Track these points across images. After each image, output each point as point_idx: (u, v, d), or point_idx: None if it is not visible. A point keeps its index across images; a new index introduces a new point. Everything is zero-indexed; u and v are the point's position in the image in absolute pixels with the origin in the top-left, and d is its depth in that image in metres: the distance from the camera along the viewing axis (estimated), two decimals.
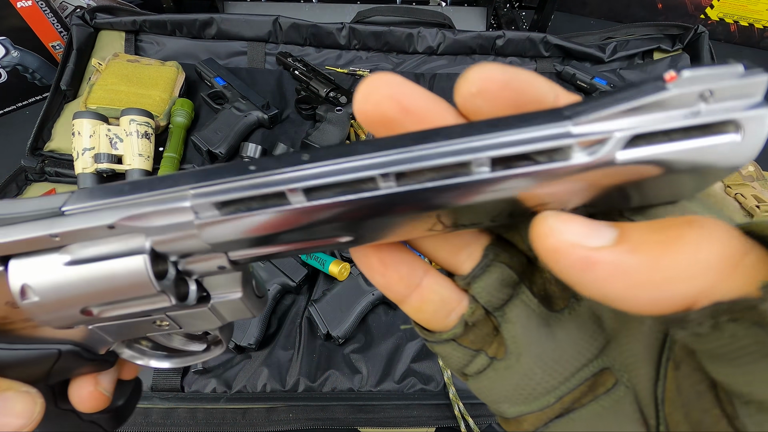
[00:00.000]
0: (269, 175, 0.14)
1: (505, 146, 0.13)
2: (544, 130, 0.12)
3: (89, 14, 0.87)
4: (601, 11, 1.33)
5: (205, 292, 0.18)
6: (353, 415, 0.56)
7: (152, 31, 0.91)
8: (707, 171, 0.13)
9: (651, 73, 0.94)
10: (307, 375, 0.58)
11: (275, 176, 0.14)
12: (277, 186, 0.13)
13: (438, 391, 0.58)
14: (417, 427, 0.56)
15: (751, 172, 0.78)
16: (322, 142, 0.76)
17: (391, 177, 0.13)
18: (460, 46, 0.94)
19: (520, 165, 0.13)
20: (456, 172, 0.13)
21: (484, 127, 0.13)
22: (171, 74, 0.83)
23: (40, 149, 0.78)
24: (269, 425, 0.55)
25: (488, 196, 0.13)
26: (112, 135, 0.71)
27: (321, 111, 0.81)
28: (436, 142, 0.13)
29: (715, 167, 0.13)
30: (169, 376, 0.57)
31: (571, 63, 0.97)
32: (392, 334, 0.62)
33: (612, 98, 0.12)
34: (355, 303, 0.61)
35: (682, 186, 0.14)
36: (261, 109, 0.81)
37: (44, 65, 0.93)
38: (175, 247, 0.15)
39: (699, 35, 0.94)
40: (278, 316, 0.64)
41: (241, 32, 0.91)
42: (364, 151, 0.13)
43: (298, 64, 0.89)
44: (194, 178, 0.14)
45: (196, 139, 0.76)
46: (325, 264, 0.64)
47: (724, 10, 1.23)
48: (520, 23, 1.17)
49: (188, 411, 0.56)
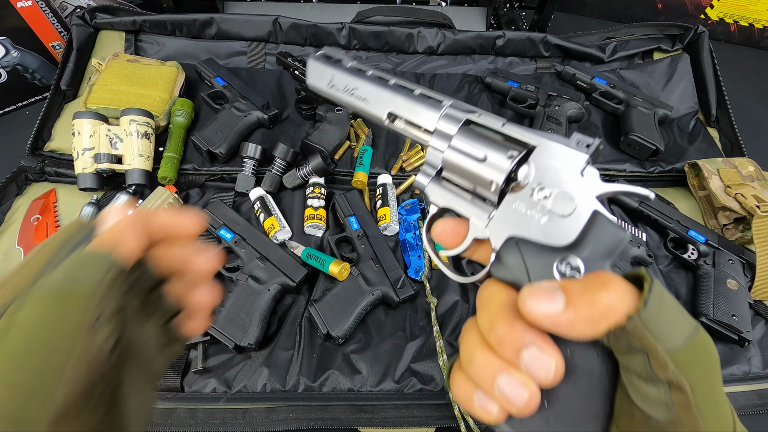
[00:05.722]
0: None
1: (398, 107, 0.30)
2: (426, 109, 0.29)
3: (89, 14, 0.87)
4: (601, 11, 1.33)
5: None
6: (353, 415, 0.56)
7: (152, 31, 0.91)
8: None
9: (651, 73, 0.95)
10: (307, 375, 0.58)
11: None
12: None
13: (438, 391, 0.57)
14: (417, 427, 0.56)
15: (751, 172, 0.78)
16: (322, 142, 0.76)
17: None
18: (460, 46, 0.94)
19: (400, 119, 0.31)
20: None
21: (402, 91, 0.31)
22: (171, 74, 0.83)
23: (40, 149, 0.78)
24: (269, 425, 0.55)
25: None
26: (112, 135, 0.71)
27: (321, 111, 0.81)
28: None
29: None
30: (170, 376, 0.57)
31: (571, 63, 0.97)
32: (392, 334, 0.62)
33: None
34: (355, 303, 0.61)
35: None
36: (261, 109, 0.81)
37: (44, 65, 0.93)
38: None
39: (699, 35, 0.94)
40: (278, 316, 0.64)
41: (241, 32, 0.91)
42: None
43: (298, 64, 0.89)
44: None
45: (196, 139, 0.76)
46: (325, 264, 0.64)
47: (724, 10, 1.23)
48: (520, 23, 1.17)
49: (188, 411, 0.56)
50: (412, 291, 0.63)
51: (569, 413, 0.21)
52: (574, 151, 0.24)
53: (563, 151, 0.25)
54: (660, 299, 0.19)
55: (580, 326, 0.20)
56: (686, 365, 0.19)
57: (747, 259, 0.69)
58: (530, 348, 0.21)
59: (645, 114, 0.85)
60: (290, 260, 0.65)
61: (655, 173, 0.84)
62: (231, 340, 0.57)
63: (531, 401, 0.21)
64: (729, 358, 0.63)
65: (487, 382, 0.22)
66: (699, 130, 0.90)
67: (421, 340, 0.61)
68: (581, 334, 0.20)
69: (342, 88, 0.33)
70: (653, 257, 0.71)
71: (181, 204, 0.74)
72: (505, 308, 0.22)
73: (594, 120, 0.90)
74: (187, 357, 0.59)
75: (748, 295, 0.66)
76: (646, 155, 0.83)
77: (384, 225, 0.71)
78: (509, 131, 0.26)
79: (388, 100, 0.31)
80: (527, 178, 0.25)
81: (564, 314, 0.20)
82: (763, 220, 0.69)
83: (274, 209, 0.71)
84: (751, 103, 1.10)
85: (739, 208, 0.73)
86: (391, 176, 0.77)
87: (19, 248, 0.66)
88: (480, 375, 0.22)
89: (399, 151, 0.82)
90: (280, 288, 0.63)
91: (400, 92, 0.30)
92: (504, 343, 0.21)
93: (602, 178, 0.24)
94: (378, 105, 0.31)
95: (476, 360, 0.22)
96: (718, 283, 0.66)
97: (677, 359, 0.19)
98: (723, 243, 0.71)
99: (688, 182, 0.81)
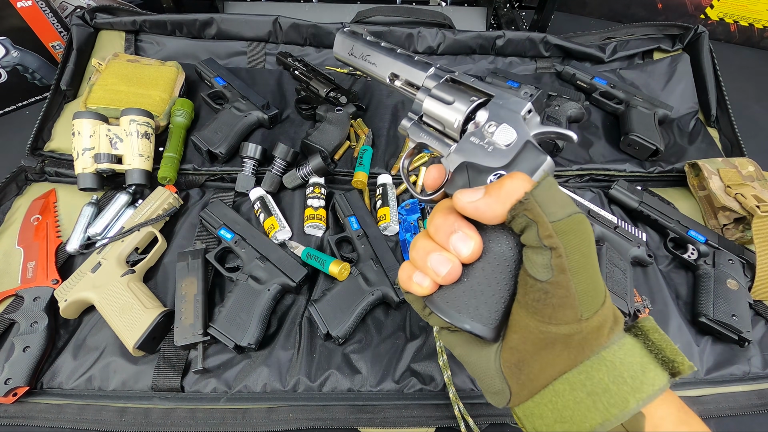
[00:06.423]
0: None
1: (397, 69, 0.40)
2: (417, 70, 0.38)
3: (89, 14, 0.87)
4: (601, 11, 1.33)
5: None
6: (353, 415, 0.56)
7: (152, 31, 0.91)
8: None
9: (651, 73, 0.94)
10: (307, 375, 0.58)
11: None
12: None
13: (438, 391, 0.57)
14: (417, 427, 0.56)
15: (751, 172, 0.78)
16: (322, 142, 0.76)
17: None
18: (460, 46, 0.94)
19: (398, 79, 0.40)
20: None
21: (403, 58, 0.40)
22: (171, 74, 0.83)
23: (40, 149, 0.78)
24: (269, 425, 0.55)
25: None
26: (112, 135, 0.71)
27: (321, 111, 0.81)
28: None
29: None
30: (170, 375, 0.57)
31: (571, 63, 0.97)
32: (392, 334, 0.62)
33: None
34: (355, 303, 0.61)
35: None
36: (261, 109, 0.81)
37: (44, 65, 0.93)
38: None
39: (699, 35, 0.94)
40: (278, 316, 0.64)
41: (241, 32, 0.91)
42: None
43: (298, 64, 0.89)
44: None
45: (196, 139, 0.76)
46: (325, 264, 0.64)
47: (724, 10, 1.23)
48: (520, 23, 1.17)
49: (188, 411, 0.56)
50: None
51: (482, 285, 0.29)
52: (520, 99, 0.32)
53: (512, 100, 0.32)
54: (550, 186, 0.26)
55: (492, 206, 0.27)
56: (564, 233, 0.25)
57: (747, 259, 0.69)
58: (457, 232, 0.28)
59: (645, 114, 0.85)
60: (290, 260, 0.65)
61: (655, 173, 0.84)
62: (231, 340, 0.57)
63: (453, 272, 0.29)
64: (729, 358, 0.63)
65: (423, 260, 0.29)
66: (699, 130, 0.90)
67: (421, 340, 0.61)
68: (493, 213, 0.27)
69: (359, 56, 0.43)
70: (653, 257, 0.71)
71: (180, 204, 0.74)
72: (446, 207, 0.30)
73: (594, 120, 0.90)
74: (187, 357, 0.59)
75: (748, 295, 0.66)
76: (646, 155, 0.83)
77: (384, 225, 0.71)
78: (476, 85, 0.35)
79: (391, 64, 0.40)
80: (483, 119, 0.32)
81: (482, 200, 0.27)
82: (763, 220, 0.69)
83: (274, 209, 0.71)
84: (751, 103, 1.10)
85: (739, 208, 0.73)
86: (391, 176, 0.77)
87: (19, 248, 0.66)
88: (418, 256, 0.30)
89: (399, 151, 0.82)
90: (280, 288, 0.63)
91: (401, 58, 0.40)
92: (439, 230, 0.29)
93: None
94: (384, 67, 0.41)
95: (418, 245, 0.30)
96: (718, 283, 0.66)
97: (557, 228, 0.25)
98: (723, 243, 0.71)
99: (688, 182, 0.81)
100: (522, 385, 0.29)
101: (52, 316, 0.61)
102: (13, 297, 0.63)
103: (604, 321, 0.27)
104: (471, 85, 0.35)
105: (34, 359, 0.56)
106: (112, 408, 0.56)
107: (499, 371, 0.30)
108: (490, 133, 0.31)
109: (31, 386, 0.56)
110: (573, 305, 0.26)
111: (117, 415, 0.56)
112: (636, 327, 0.29)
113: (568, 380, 0.27)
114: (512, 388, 0.30)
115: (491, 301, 0.29)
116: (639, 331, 0.29)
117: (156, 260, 0.68)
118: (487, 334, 0.29)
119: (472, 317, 0.29)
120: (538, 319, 0.27)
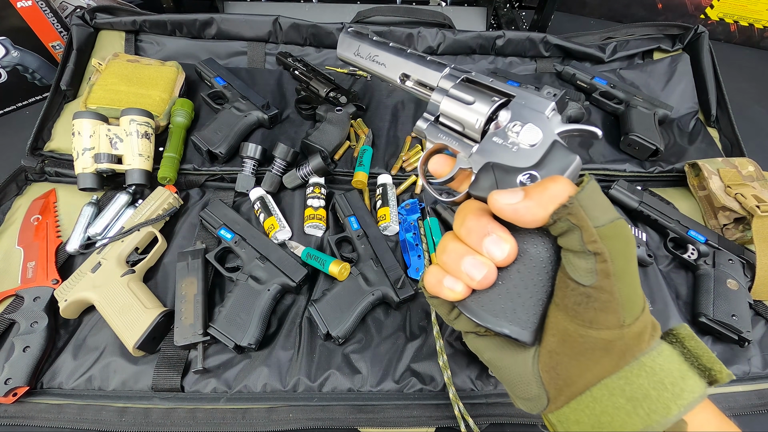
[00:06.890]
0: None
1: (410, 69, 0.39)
2: (431, 71, 0.37)
3: (89, 14, 0.87)
4: (601, 11, 1.33)
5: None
6: (353, 415, 0.56)
7: (152, 31, 0.91)
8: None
9: (651, 73, 0.95)
10: (307, 375, 0.58)
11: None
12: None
13: (438, 391, 0.57)
14: (417, 427, 0.56)
15: (751, 172, 0.78)
16: (322, 142, 0.76)
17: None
18: (460, 46, 0.94)
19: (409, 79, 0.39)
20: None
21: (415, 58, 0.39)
22: (171, 74, 0.83)
23: (40, 149, 0.78)
24: (269, 425, 0.55)
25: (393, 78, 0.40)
26: (112, 135, 0.71)
27: (321, 111, 0.81)
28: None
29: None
30: (170, 375, 0.57)
31: (571, 63, 0.97)
32: (392, 334, 0.62)
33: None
34: (355, 303, 0.61)
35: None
36: (261, 109, 0.81)
37: (44, 65, 0.93)
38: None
39: (699, 35, 0.94)
40: (278, 316, 0.64)
41: (241, 32, 0.91)
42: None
43: (298, 64, 0.89)
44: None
45: (196, 139, 0.76)
46: (325, 264, 0.64)
47: (724, 10, 1.23)
48: (520, 23, 1.17)
49: (188, 411, 0.56)
50: (413, 291, 0.63)
51: (518, 287, 0.28)
52: (543, 99, 0.31)
53: (535, 99, 0.32)
54: (594, 190, 0.26)
55: (533, 209, 0.26)
56: (608, 238, 0.25)
57: (747, 259, 0.69)
58: (491, 235, 0.27)
59: (645, 114, 0.85)
60: (290, 260, 0.65)
61: (655, 173, 0.84)
62: (231, 340, 0.57)
63: (488, 276, 0.27)
64: (729, 358, 0.63)
65: (455, 264, 0.28)
66: (699, 130, 0.90)
67: (421, 340, 0.61)
68: (534, 217, 0.26)
69: (366, 56, 0.42)
70: (653, 257, 0.71)
71: (180, 204, 0.74)
72: (476, 209, 0.29)
73: (594, 120, 0.90)
74: (187, 357, 0.59)
75: (748, 295, 0.66)
76: (646, 155, 0.83)
77: (384, 225, 0.71)
78: (495, 85, 0.34)
79: (402, 64, 0.39)
80: (505, 119, 0.32)
81: (522, 203, 0.26)
82: (763, 220, 0.69)
83: (274, 209, 0.71)
84: (751, 103, 1.10)
85: (739, 208, 0.73)
86: (391, 176, 0.77)
87: (19, 248, 0.66)
88: (450, 259, 0.29)
89: (399, 151, 0.82)
90: (280, 288, 0.63)
91: (412, 58, 0.39)
92: (471, 232, 0.28)
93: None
94: (394, 68, 0.40)
95: (449, 248, 0.29)
96: (718, 283, 0.66)
97: (601, 233, 0.25)
98: (723, 243, 0.71)
99: (688, 182, 0.81)
100: (559, 390, 0.28)
101: (52, 316, 0.61)
102: (13, 297, 0.63)
103: (645, 327, 0.27)
104: (490, 85, 0.34)
105: (34, 359, 0.56)
106: (112, 408, 0.56)
107: (537, 376, 0.29)
108: (515, 133, 0.31)
109: (31, 386, 0.56)
110: (616, 310, 0.25)
111: (117, 415, 0.56)
112: (671, 334, 0.29)
113: (606, 386, 0.27)
114: (550, 393, 0.29)
115: (528, 304, 0.28)
116: (674, 339, 0.28)
117: (156, 260, 0.68)
118: (527, 338, 0.28)
119: (510, 321, 0.28)
120: (578, 323, 0.26)
